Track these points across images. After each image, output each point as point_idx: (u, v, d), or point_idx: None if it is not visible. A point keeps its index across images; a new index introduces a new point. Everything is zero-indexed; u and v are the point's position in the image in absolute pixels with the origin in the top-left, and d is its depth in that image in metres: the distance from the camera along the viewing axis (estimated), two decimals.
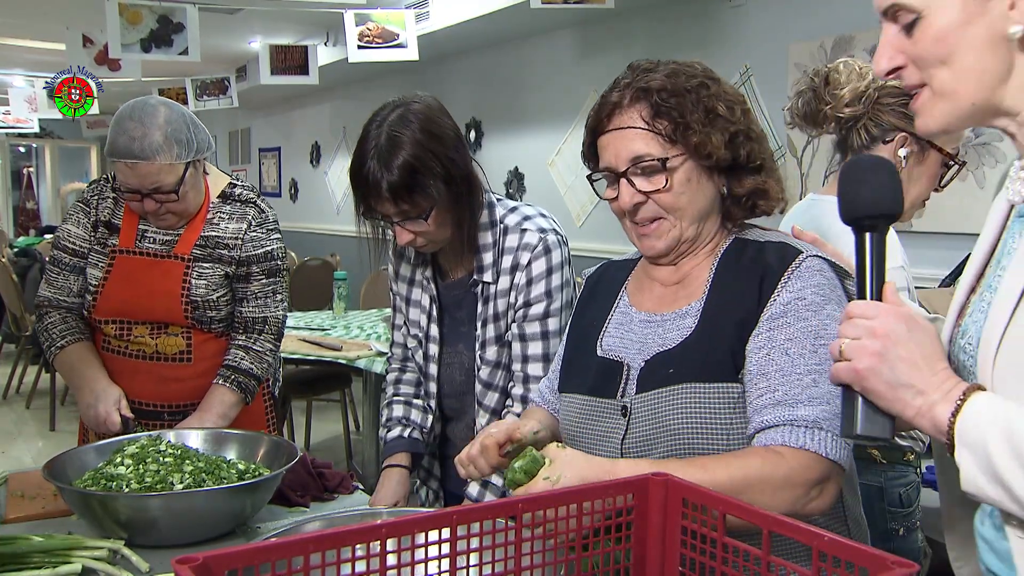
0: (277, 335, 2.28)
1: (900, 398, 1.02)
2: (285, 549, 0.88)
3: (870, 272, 1.09)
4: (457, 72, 7.31)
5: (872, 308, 1.05)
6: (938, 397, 1.00)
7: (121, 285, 2.18)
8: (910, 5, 1.00)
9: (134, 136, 2.01)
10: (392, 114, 1.75)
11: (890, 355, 1.01)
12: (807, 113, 1.94)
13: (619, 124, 1.42)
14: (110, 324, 2.20)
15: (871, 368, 1.02)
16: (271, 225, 2.27)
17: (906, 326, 1.03)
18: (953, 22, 0.98)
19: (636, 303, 1.51)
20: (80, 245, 2.22)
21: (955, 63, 0.99)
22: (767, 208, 1.46)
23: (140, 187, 2.05)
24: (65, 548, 1.49)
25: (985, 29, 0.97)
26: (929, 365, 1.02)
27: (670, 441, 1.35)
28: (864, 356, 1.02)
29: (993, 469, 0.94)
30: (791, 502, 1.24)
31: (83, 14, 6.10)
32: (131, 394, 2.17)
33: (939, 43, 0.99)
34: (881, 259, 1.09)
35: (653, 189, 1.40)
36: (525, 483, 1.23)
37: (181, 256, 2.18)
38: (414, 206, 1.74)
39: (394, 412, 2.04)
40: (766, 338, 1.33)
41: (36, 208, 15.48)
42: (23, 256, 7.79)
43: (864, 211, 1.10)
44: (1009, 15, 0.96)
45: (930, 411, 1.00)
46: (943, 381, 1.01)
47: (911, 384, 1.01)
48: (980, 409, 0.97)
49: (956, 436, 0.97)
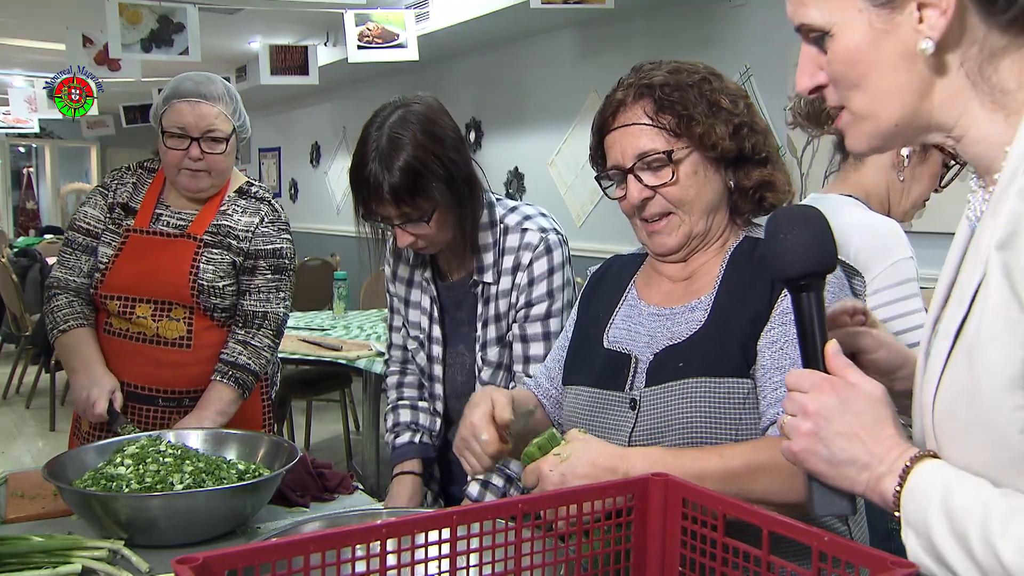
0: (277, 332, 2.28)
1: (845, 475, 0.96)
2: (285, 549, 0.88)
3: (811, 335, 1.02)
4: (457, 72, 7.31)
5: (806, 380, 0.99)
6: (884, 470, 0.94)
7: (131, 261, 2.21)
8: (814, 24, 0.95)
9: (199, 81, 2.20)
10: (392, 115, 1.74)
11: (824, 432, 0.96)
12: (810, 112, 1.95)
13: (624, 121, 1.43)
14: (114, 300, 2.21)
15: (807, 449, 0.97)
16: (282, 224, 2.31)
17: (839, 398, 0.96)
18: (861, 43, 0.92)
19: (645, 296, 1.52)
20: (94, 226, 2.26)
21: (870, 85, 0.93)
22: (775, 200, 1.46)
23: (195, 126, 2.16)
24: (65, 548, 1.49)
25: (896, 46, 0.91)
26: (872, 435, 0.95)
27: (679, 435, 1.35)
28: (799, 436, 0.98)
29: (935, 550, 0.87)
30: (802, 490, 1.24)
31: (83, 14, 6.10)
32: (128, 377, 2.19)
33: (851, 66, 0.93)
34: (822, 319, 1.02)
35: (660, 183, 1.41)
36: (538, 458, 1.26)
37: (194, 236, 2.21)
38: (416, 208, 1.73)
39: (401, 417, 2.02)
40: (779, 332, 1.34)
41: (36, 208, 15.47)
42: (23, 256, 7.78)
43: (794, 272, 1.03)
44: (919, 29, 0.89)
45: (878, 486, 0.94)
46: (888, 451, 0.94)
47: (853, 460, 0.95)
48: (922, 485, 0.90)
49: (902, 513, 0.91)
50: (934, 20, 0.88)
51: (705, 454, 1.26)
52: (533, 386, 1.66)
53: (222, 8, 6.30)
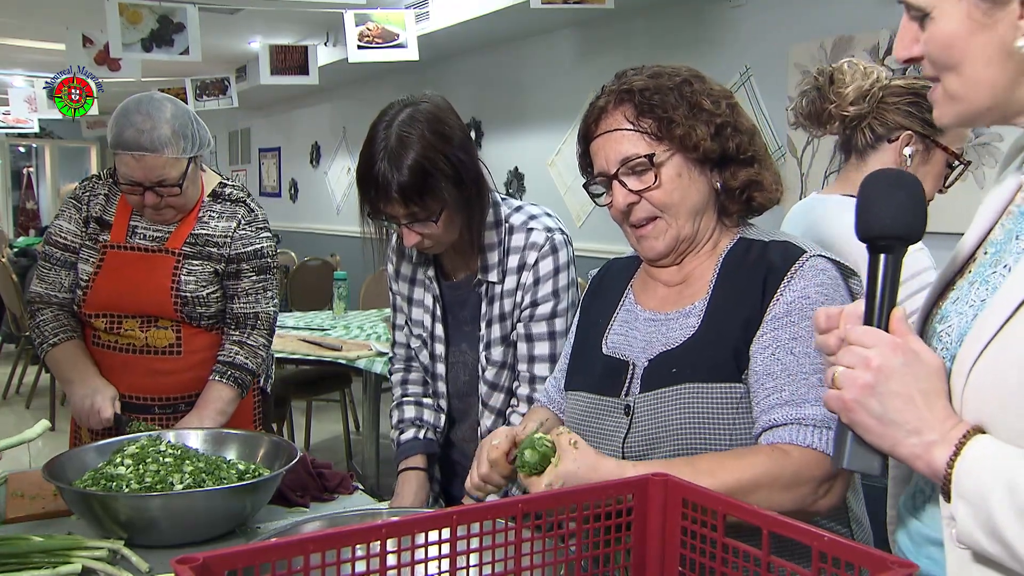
0: (269, 330, 2.29)
1: (891, 435, 0.96)
2: (285, 549, 0.88)
3: (880, 296, 0.99)
4: (457, 72, 7.31)
5: (871, 336, 0.97)
6: (935, 438, 0.94)
7: (111, 279, 2.19)
8: (915, 4, 0.98)
9: (142, 129, 2.03)
10: (401, 114, 1.73)
11: (881, 388, 0.95)
12: (812, 112, 1.93)
13: (606, 128, 1.44)
14: (100, 318, 2.20)
15: (859, 401, 0.96)
16: (260, 224, 2.28)
17: (903, 359, 0.95)
18: (959, 31, 0.95)
19: (642, 302, 1.52)
20: (71, 240, 2.23)
21: (964, 71, 0.96)
22: (763, 200, 1.46)
23: (144, 180, 2.07)
24: (65, 548, 1.48)
25: (993, 40, 0.94)
26: (927, 402, 0.95)
27: (672, 441, 1.35)
28: (854, 387, 0.96)
29: (993, 526, 0.88)
30: (800, 500, 1.24)
31: (83, 14, 6.10)
32: (122, 388, 2.18)
33: (946, 50, 0.97)
34: (894, 283, 1.00)
35: (644, 187, 1.41)
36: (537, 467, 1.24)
37: (172, 251, 2.19)
38: (424, 208, 1.72)
39: (406, 413, 2.02)
40: (771, 338, 1.33)
41: (36, 208, 15.47)
42: (23, 256, 7.80)
43: (880, 231, 1.00)
44: (1018, 25, 0.93)
45: (927, 453, 0.94)
46: (942, 420, 0.94)
47: (903, 422, 0.95)
48: (980, 457, 0.91)
49: (953, 484, 0.92)
50: None
51: (698, 471, 1.22)
52: (546, 400, 1.66)
53: (222, 8, 6.30)
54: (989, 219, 1.08)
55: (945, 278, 1.11)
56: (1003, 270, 1.01)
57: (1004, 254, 1.03)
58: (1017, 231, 1.02)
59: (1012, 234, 1.03)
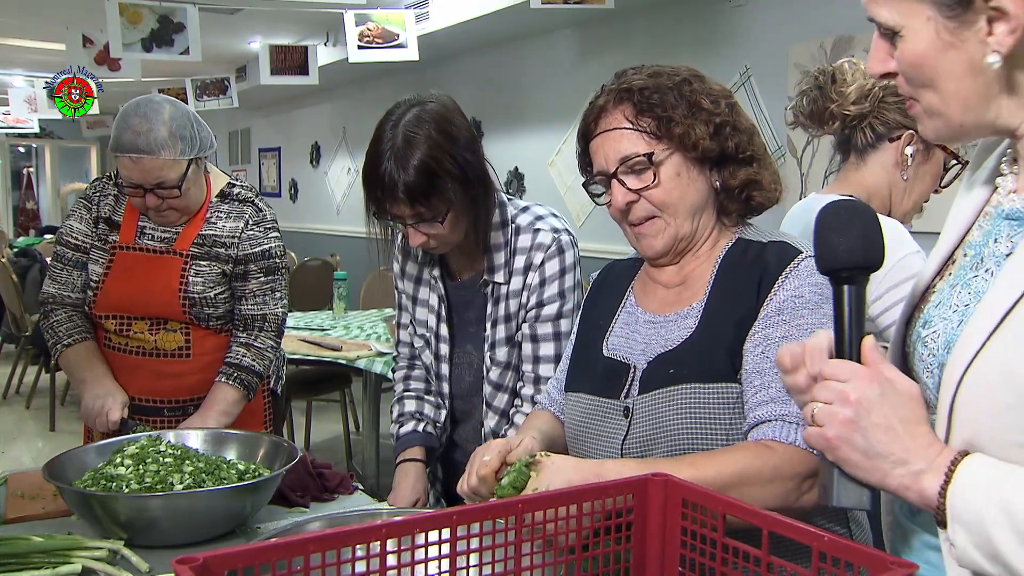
0: (278, 332, 2.28)
1: (878, 468, 0.95)
2: (285, 549, 0.88)
3: (848, 327, 1.00)
4: (457, 72, 7.31)
5: (845, 369, 0.97)
6: (923, 466, 0.93)
7: (121, 280, 2.19)
8: (884, 23, 0.98)
9: (139, 131, 2.04)
10: (407, 114, 1.72)
11: (863, 422, 0.94)
12: (812, 111, 1.93)
13: (605, 127, 1.44)
14: (110, 319, 2.21)
15: (843, 437, 0.95)
16: (269, 224, 2.27)
17: (880, 389, 0.95)
18: (928, 50, 0.95)
19: (642, 304, 1.52)
20: (82, 240, 2.24)
21: (938, 88, 0.96)
22: (762, 199, 1.46)
23: (143, 182, 2.07)
24: (65, 548, 1.48)
25: (963, 57, 0.94)
26: (908, 430, 0.94)
27: (670, 442, 1.35)
28: (835, 424, 0.95)
29: (993, 549, 0.88)
30: (782, 495, 1.24)
31: (83, 14, 6.10)
32: (131, 390, 2.19)
33: (918, 68, 0.96)
34: (860, 313, 1.00)
35: (643, 186, 1.41)
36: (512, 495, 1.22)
37: (180, 252, 2.19)
38: (430, 208, 1.71)
39: (406, 407, 2.03)
40: (762, 336, 1.34)
41: (36, 208, 15.48)
42: (23, 256, 7.78)
43: (841, 263, 1.01)
44: (987, 41, 0.92)
45: (916, 483, 0.93)
46: (925, 448, 0.94)
47: (888, 453, 0.94)
48: (972, 483, 0.90)
49: (948, 511, 0.91)
50: (1003, 36, 0.91)
51: (681, 465, 1.22)
52: (547, 402, 1.66)
53: (222, 8, 6.30)
54: (965, 221, 1.08)
55: (924, 283, 1.11)
56: (985, 274, 1.01)
57: (983, 256, 1.02)
58: (995, 233, 1.02)
59: (990, 236, 1.03)
